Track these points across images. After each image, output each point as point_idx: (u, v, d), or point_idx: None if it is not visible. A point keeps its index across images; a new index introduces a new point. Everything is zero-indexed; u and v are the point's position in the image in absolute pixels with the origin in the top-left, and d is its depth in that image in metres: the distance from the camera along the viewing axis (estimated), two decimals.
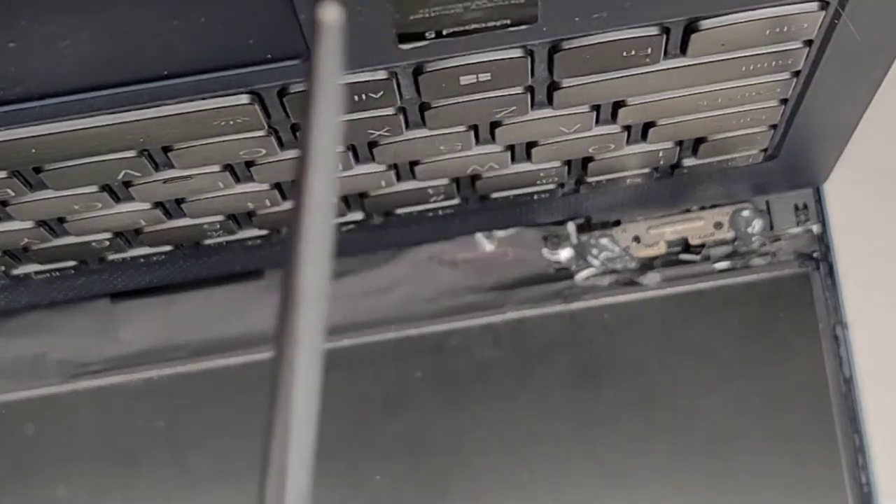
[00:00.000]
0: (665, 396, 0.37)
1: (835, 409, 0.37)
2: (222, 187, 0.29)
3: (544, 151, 0.30)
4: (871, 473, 0.37)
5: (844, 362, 0.37)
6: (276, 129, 0.26)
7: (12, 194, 0.27)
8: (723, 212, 0.38)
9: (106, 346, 0.38)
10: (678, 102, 0.28)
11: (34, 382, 0.38)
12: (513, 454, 0.37)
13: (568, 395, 0.37)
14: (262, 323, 0.38)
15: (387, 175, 0.30)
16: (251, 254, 0.35)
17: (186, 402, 0.38)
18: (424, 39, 0.23)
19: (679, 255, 0.38)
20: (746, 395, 0.37)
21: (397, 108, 0.26)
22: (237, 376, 0.38)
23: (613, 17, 0.24)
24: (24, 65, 0.22)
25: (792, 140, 0.32)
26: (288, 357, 0.16)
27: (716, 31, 0.24)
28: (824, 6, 0.24)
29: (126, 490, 0.37)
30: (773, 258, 0.38)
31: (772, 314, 0.38)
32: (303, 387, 0.16)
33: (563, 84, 0.26)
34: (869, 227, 0.38)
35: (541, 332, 0.38)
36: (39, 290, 0.35)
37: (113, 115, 0.24)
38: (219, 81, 0.24)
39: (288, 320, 0.16)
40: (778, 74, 0.27)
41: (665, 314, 0.38)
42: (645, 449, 0.37)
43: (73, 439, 0.38)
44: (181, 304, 0.38)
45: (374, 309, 0.38)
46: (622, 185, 0.34)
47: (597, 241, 0.38)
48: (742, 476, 0.37)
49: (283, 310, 0.16)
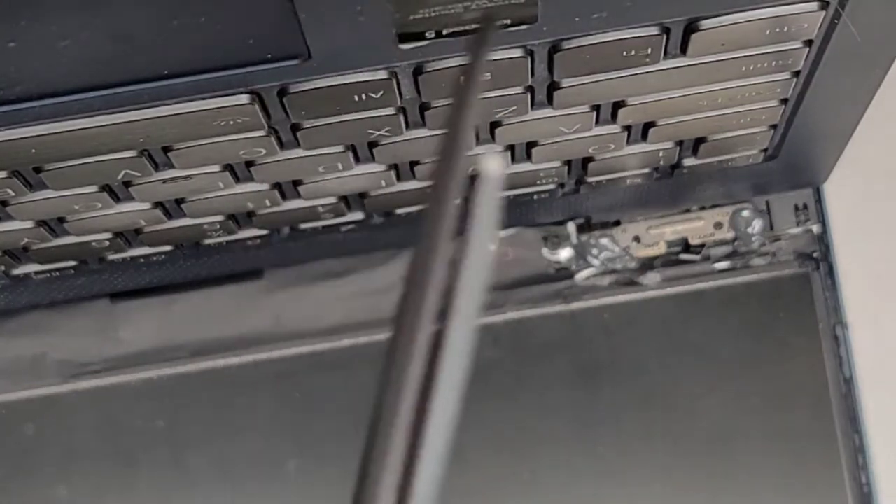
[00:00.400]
0: (665, 396, 0.37)
1: (835, 408, 0.37)
2: (222, 187, 0.29)
3: (544, 151, 0.30)
4: (870, 473, 0.37)
5: (844, 362, 0.37)
6: (276, 129, 0.26)
7: (12, 194, 0.27)
8: (723, 212, 0.38)
9: (106, 346, 0.38)
10: (678, 102, 0.28)
11: (34, 382, 0.38)
12: (513, 454, 0.37)
13: (568, 394, 0.37)
14: (262, 323, 0.38)
15: (387, 175, 0.30)
16: (251, 254, 0.35)
17: (186, 402, 0.38)
18: (424, 39, 0.23)
19: (679, 255, 0.38)
20: (746, 394, 0.37)
21: (397, 108, 0.26)
22: (237, 376, 0.38)
23: (613, 17, 0.24)
24: (24, 65, 0.22)
25: (792, 140, 0.32)
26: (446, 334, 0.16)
27: (716, 31, 0.24)
28: (824, 6, 0.24)
29: (126, 490, 0.37)
30: (773, 258, 0.38)
31: (772, 314, 0.38)
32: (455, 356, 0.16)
33: (563, 84, 0.26)
34: (869, 227, 0.38)
35: (541, 331, 0.38)
36: (39, 290, 0.35)
37: (113, 115, 0.24)
38: (219, 81, 0.24)
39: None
40: (778, 74, 0.27)
41: (665, 314, 0.38)
42: (645, 449, 0.37)
43: (73, 439, 0.38)
44: (181, 304, 0.38)
45: (373, 309, 0.38)
46: (622, 185, 0.34)
47: (597, 241, 0.38)
48: (742, 476, 0.37)
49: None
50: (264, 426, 0.37)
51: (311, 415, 0.37)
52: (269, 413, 0.38)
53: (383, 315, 0.38)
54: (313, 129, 0.26)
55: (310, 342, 0.38)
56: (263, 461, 0.37)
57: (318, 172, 0.29)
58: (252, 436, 0.37)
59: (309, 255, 0.36)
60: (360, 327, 0.38)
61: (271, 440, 0.37)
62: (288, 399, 0.38)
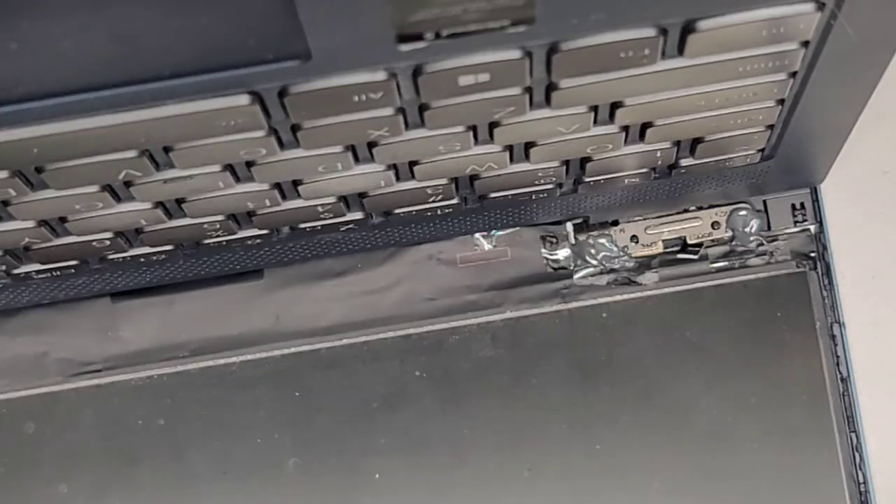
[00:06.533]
0: (662, 395, 0.37)
1: (832, 407, 0.37)
2: (222, 187, 0.29)
3: (542, 152, 0.30)
4: (867, 471, 0.37)
5: (841, 361, 0.37)
6: (276, 129, 0.27)
7: (14, 194, 0.27)
8: (720, 211, 0.38)
9: (106, 345, 0.38)
10: (676, 103, 0.28)
11: (35, 381, 0.38)
12: (511, 452, 0.37)
13: (566, 393, 0.37)
14: (262, 322, 0.38)
15: (386, 175, 0.30)
16: (251, 254, 0.35)
17: (187, 400, 0.38)
18: (424, 40, 0.23)
19: (677, 255, 0.39)
20: (744, 393, 0.37)
21: (397, 109, 0.26)
22: (237, 375, 0.38)
23: (611, 18, 0.24)
24: (25, 65, 0.22)
25: (789, 140, 0.32)
26: None
27: (713, 32, 0.25)
28: (820, 7, 0.25)
29: (126, 488, 0.37)
30: (771, 258, 0.38)
31: (769, 313, 0.38)
32: None
33: (561, 85, 0.26)
34: (866, 227, 0.38)
35: (539, 331, 0.38)
36: (40, 290, 0.35)
37: (114, 116, 0.24)
38: (219, 82, 0.24)
39: None
40: (775, 75, 0.27)
41: (663, 313, 0.38)
42: (642, 447, 0.37)
43: (74, 438, 0.38)
44: (181, 303, 0.38)
45: (373, 308, 0.38)
46: (620, 185, 0.34)
47: (595, 240, 0.38)
48: (739, 473, 0.37)
49: None
50: (264, 425, 0.38)
51: (310, 414, 0.38)
52: (269, 412, 0.38)
53: (383, 315, 0.38)
54: (313, 130, 0.26)
55: (309, 341, 0.38)
56: (263, 460, 0.37)
57: (318, 172, 0.29)
58: (252, 434, 0.38)
59: (309, 254, 0.36)
60: (360, 327, 0.38)
61: (271, 439, 0.37)
62: (288, 398, 0.38)
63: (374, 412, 0.38)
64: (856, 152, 0.36)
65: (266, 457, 0.37)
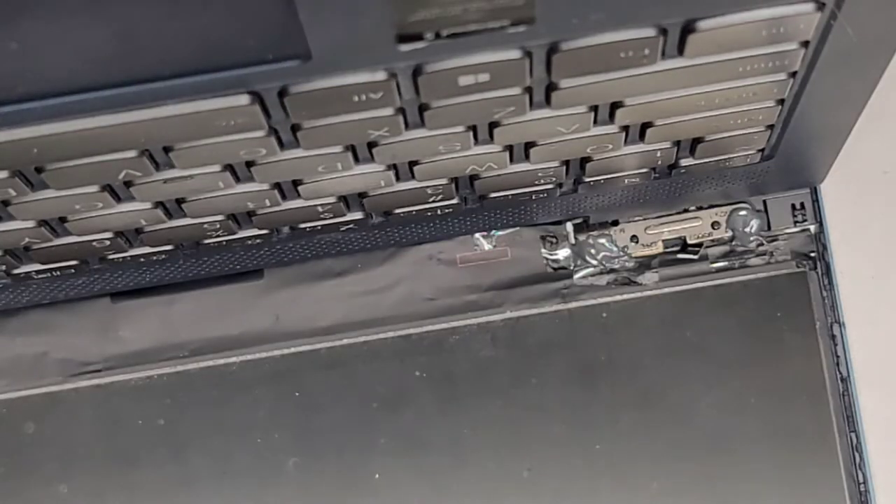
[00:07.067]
0: (662, 395, 0.37)
1: (832, 407, 0.37)
2: (222, 187, 0.29)
3: (542, 152, 0.30)
4: (867, 471, 0.37)
5: (841, 361, 0.37)
6: (276, 129, 0.27)
7: (14, 194, 0.27)
8: (720, 211, 0.38)
9: (106, 345, 0.38)
10: (676, 103, 0.28)
11: (35, 381, 0.38)
12: (511, 452, 0.37)
13: (566, 393, 0.37)
14: (262, 323, 0.38)
15: (386, 175, 0.30)
16: (251, 254, 0.35)
17: (186, 400, 0.38)
18: (423, 40, 0.23)
19: (677, 255, 0.39)
20: (743, 393, 0.37)
21: (397, 109, 0.26)
22: (237, 375, 0.38)
23: (611, 18, 0.24)
24: (25, 65, 0.22)
25: (789, 140, 0.32)
26: None
27: (713, 33, 0.25)
28: (820, 7, 0.25)
29: (126, 488, 0.37)
30: (771, 258, 0.38)
31: (769, 313, 0.38)
32: None
33: (561, 85, 0.26)
34: (866, 227, 0.38)
35: (539, 331, 0.38)
36: (40, 290, 0.35)
37: (114, 116, 0.24)
38: (219, 82, 0.24)
39: None
40: (774, 75, 0.27)
41: (663, 313, 0.38)
42: (642, 447, 0.37)
43: (74, 438, 0.38)
44: (181, 303, 0.38)
45: (373, 308, 0.38)
46: (620, 185, 0.34)
47: (595, 240, 0.38)
48: (739, 474, 0.37)
49: None
50: (264, 425, 0.38)
51: (310, 414, 0.38)
52: (269, 412, 0.38)
53: (383, 315, 0.38)
54: (313, 130, 0.26)
55: (309, 341, 0.38)
56: (263, 460, 0.37)
57: (318, 172, 0.29)
58: (252, 434, 0.38)
59: (309, 254, 0.36)
60: (360, 327, 0.38)
61: (271, 439, 0.38)
62: (287, 398, 0.38)
63: (374, 412, 0.38)
64: (856, 152, 0.36)
65: (266, 457, 0.37)
